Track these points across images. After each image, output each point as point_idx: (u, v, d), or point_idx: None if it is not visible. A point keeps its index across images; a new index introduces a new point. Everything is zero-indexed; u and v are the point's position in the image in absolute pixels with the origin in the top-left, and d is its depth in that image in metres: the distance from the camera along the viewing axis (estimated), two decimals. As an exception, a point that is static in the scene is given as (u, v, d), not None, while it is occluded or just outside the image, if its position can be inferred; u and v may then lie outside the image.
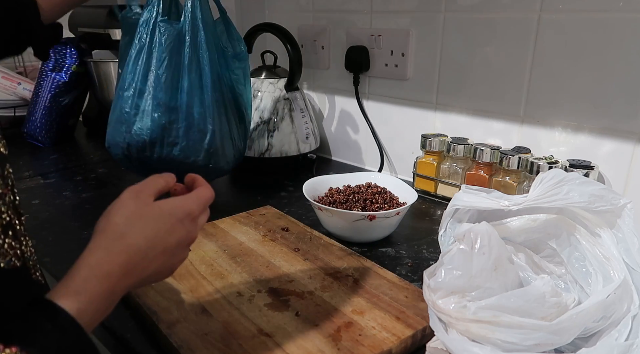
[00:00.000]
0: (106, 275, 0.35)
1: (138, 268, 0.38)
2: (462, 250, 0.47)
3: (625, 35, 0.67)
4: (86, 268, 0.35)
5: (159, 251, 0.39)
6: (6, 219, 0.34)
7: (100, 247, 0.37)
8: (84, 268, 0.35)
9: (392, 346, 0.48)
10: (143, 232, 0.38)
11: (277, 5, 1.19)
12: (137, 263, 0.38)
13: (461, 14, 0.85)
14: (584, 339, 0.46)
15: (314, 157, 1.12)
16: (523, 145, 0.81)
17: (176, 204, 0.42)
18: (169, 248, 0.40)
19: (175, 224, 0.41)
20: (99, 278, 0.35)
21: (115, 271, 0.36)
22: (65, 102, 1.25)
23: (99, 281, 0.35)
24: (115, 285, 0.36)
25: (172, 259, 0.42)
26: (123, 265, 0.37)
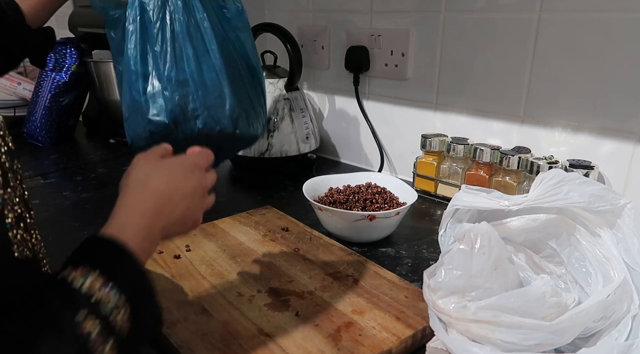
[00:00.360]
0: (141, 213, 0.41)
1: (166, 209, 0.43)
2: (462, 250, 0.47)
3: (625, 35, 0.67)
4: (123, 211, 0.41)
5: (179, 196, 0.44)
6: (17, 212, 0.36)
7: (129, 195, 0.42)
8: (121, 212, 0.40)
9: (392, 346, 0.48)
10: (162, 178, 0.44)
11: (277, 5, 1.19)
12: (164, 205, 0.43)
13: (461, 14, 0.85)
14: (584, 339, 0.46)
15: (314, 157, 1.12)
16: (523, 145, 0.81)
17: (183, 157, 0.48)
18: (187, 194, 0.45)
19: (187, 173, 0.46)
20: (135, 216, 0.40)
21: (148, 210, 0.41)
22: (65, 102, 1.25)
23: (136, 218, 0.40)
24: (151, 223, 0.41)
25: (192, 206, 0.46)
26: (152, 206, 0.42)
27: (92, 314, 0.33)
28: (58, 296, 0.34)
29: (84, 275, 0.34)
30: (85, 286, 0.34)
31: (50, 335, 0.31)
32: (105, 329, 0.34)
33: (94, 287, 0.34)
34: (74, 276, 0.34)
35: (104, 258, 0.36)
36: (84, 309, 0.33)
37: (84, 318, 0.33)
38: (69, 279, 0.34)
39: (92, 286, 0.34)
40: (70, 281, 0.34)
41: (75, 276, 0.34)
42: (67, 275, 0.34)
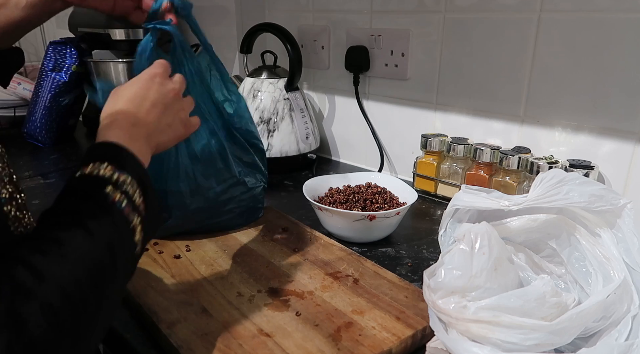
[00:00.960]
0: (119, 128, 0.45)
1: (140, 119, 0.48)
2: (462, 250, 0.47)
3: (625, 35, 0.67)
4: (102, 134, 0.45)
5: (148, 104, 0.49)
6: (9, 190, 0.38)
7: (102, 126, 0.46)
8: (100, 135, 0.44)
9: (392, 346, 0.48)
10: (125, 96, 0.49)
11: (277, 5, 1.19)
12: (136, 115, 0.48)
13: (461, 14, 0.85)
14: (584, 339, 0.46)
15: (314, 157, 1.12)
16: (523, 145, 0.81)
17: (139, 75, 0.52)
18: (156, 100, 0.50)
19: (147, 83, 0.50)
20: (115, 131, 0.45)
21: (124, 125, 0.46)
22: (65, 102, 1.25)
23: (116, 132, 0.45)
24: (131, 133, 0.46)
25: (168, 109, 0.51)
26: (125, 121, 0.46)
27: (116, 189, 0.38)
28: (81, 183, 0.38)
29: (96, 167, 0.39)
30: (102, 172, 0.39)
31: (89, 208, 0.36)
32: (130, 203, 0.39)
33: (109, 171, 0.39)
34: (87, 170, 0.39)
35: (108, 154, 0.41)
36: (109, 185, 0.38)
37: (112, 191, 0.38)
38: (84, 172, 0.39)
39: (108, 171, 0.39)
40: (86, 174, 0.39)
41: (88, 170, 0.39)
42: (81, 172, 0.39)
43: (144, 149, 0.47)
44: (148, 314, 0.52)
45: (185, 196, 0.67)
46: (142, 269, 0.61)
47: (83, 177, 0.39)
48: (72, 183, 0.39)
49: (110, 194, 0.38)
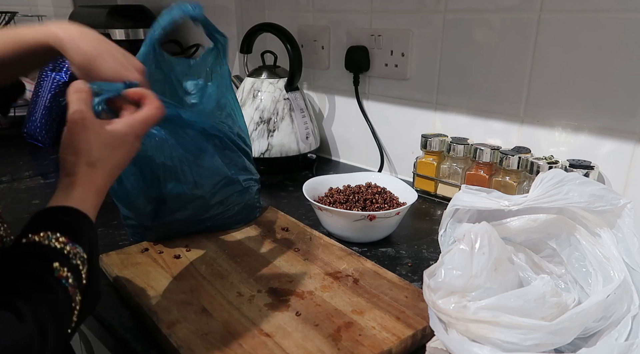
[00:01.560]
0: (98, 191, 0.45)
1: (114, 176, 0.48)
2: (462, 250, 0.47)
3: (625, 35, 0.67)
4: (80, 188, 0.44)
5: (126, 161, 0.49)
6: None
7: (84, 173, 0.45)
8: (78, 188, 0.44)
9: (392, 346, 0.48)
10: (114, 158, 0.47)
11: (277, 5, 1.19)
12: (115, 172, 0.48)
13: (461, 14, 0.85)
14: (584, 339, 0.46)
15: (314, 157, 1.12)
16: (523, 145, 0.81)
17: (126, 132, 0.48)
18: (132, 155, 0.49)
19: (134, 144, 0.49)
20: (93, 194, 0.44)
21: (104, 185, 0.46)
22: (65, 102, 1.25)
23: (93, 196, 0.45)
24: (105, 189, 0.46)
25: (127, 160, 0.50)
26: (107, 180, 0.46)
27: (64, 264, 0.37)
28: (29, 253, 0.37)
29: (48, 237, 0.38)
30: (53, 243, 0.38)
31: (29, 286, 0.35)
32: (75, 279, 0.38)
33: (61, 243, 0.38)
34: (38, 238, 0.38)
35: (65, 222, 0.40)
36: (57, 260, 0.37)
37: (59, 267, 0.37)
38: (34, 240, 0.38)
39: (60, 243, 0.38)
40: (37, 241, 0.37)
41: (40, 238, 0.38)
42: (31, 239, 0.38)
43: (103, 190, 0.46)
44: (148, 314, 0.52)
45: (184, 198, 0.67)
46: (142, 269, 0.61)
47: (31, 245, 0.37)
48: (18, 249, 0.37)
49: (57, 269, 0.36)
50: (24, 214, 0.82)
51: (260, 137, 0.99)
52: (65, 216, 0.41)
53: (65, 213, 0.41)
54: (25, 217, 0.40)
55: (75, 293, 0.38)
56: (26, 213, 0.82)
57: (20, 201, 0.89)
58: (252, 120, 1.00)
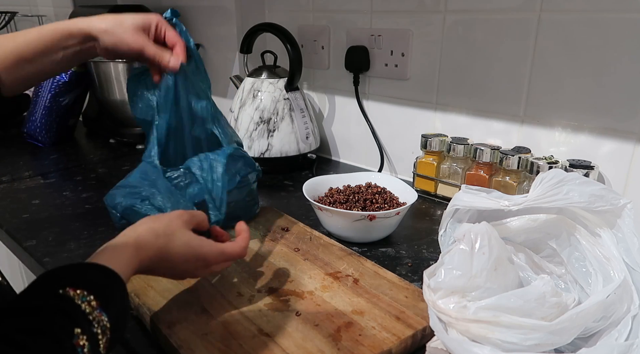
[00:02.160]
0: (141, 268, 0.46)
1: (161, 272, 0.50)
2: (462, 250, 0.47)
3: (625, 35, 0.67)
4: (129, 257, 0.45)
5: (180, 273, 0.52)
6: None
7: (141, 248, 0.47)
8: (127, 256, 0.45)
9: (392, 346, 0.48)
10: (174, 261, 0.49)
11: (277, 5, 1.19)
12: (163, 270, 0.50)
13: (461, 14, 0.85)
14: (584, 339, 0.46)
15: (314, 157, 1.12)
16: (523, 145, 0.81)
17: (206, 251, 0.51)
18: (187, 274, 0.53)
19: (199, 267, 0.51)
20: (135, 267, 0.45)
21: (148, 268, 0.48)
22: (65, 102, 1.25)
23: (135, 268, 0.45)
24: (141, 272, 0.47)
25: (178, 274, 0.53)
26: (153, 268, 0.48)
27: (85, 332, 0.35)
28: (60, 310, 0.36)
29: (84, 297, 0.37)
30: (84, 306, 0.37)
31: (47, 345, 0.33)
32: (91, 349, 0.36)
33: (89, 308, 0.37)
34: (74, 294, 0.37)
35: (102, 286, 0.39)
36: (81, 325, 0.35)
37: (81, 332, 0.35)
38: (70, 295, 0.37)
39: (90, 307, 0.37)
40: (71, 297, 0.36)
41: (76, 295, 0.37)
42: (68, 292, 0.37)
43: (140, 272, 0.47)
44: (148, 314, 0.52)
45: None
46: (142, 269, 0.61)
47: (65, 300, 0.36)
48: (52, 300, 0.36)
49: (77, 335, 0.35)
50: (23, 214, 0.82)
51: (260, 137, 0.99)
52: (105, 278, 0.41)
53: (106, 275, 0.41)
54: (25, 218, 0.40)
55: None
56: (26, 213, 0.82)
57: (20, 201, 0.89)
58: (252, 120, 1.00)
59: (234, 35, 1.19)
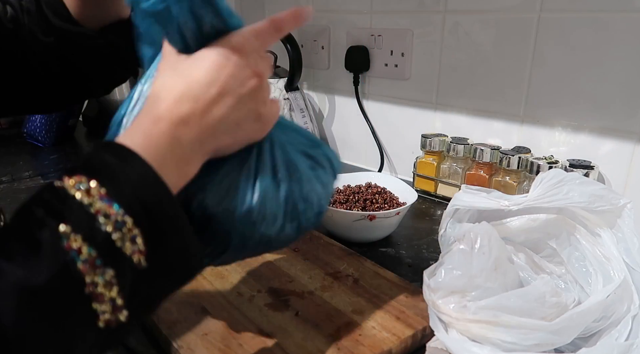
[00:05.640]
0: (156, 118, 0.31)
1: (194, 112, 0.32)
2: (462, 250, 0.47)
3: (625, 35, 0.67)
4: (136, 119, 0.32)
5: (214, 92, 0.33)
6: None
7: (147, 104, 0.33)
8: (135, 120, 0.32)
9: (392, 346, 0.48)
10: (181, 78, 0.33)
11: (277, 5, 1.19)
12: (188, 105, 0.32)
13: (461, 14, 0.85)
14: (584, 339, 0.46)
15: (314, 157, 1.12)
16: (523, 145, 0.81)
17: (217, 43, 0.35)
18: (227, 88, 0.33)
19: (221, 62, 0.34)
20: (149, 121, 0.31)
21: (163, 114, 0.31)
22: (65, 102, 1.25)
23: (149, 122, 0.31)
24: (175, 131, 0.31)
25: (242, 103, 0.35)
26: (171, 108, 0.32)
27: (81, 228, 0.25)
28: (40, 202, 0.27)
29: (80, 183, 0.27)
30: (78, 195, 0.26)
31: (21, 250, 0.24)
32: (102, 253, 0.25)
33: (91, 196, 0.26)
34: (65, 183, 0.27)
35: (108, 166, 0.28)
36: (71, 220, 0.25)
37: (71, 231, 0.25)
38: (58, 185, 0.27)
39: (90, 195, 0.26)
40: (60, 188, 0.27)
41: (67, 184, 0.27)
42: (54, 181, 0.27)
43: (189, 157, 0.32)
44: (148, 314, 0.52)
45: None
46: (142, 269, 0.61)
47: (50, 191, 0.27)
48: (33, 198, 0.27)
49: (64, 236, 0.25)
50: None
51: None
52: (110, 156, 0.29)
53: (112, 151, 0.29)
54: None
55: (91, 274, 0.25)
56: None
57: (20, 201, 0.88)
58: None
59: (234, 35, 1.19)
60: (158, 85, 0.34)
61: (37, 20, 0.47)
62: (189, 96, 0.32)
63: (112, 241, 0.26)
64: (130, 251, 0.26)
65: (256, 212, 0.39)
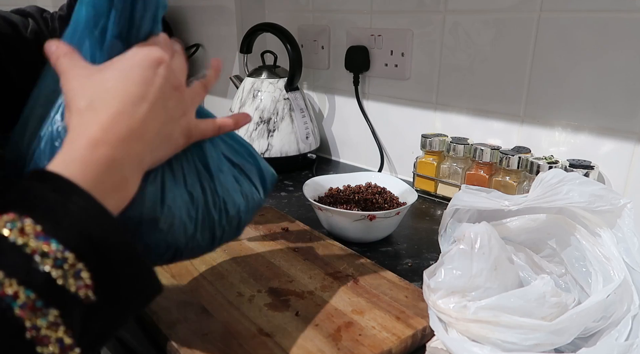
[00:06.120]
0: (92, 141, 0.29)
1: (132, 129, 0.31)
2: (462, 250, 0.47)
3: (625, 35, 0.67)
4: (67, 144, 0.30)
5: (146, 108, 0.32)
6: None
7: (74, 127, 0.31)
8: (66, 145, 0.30)
9: (392, 346, 0.48)
10: (110, 95, 0.32)
11: (277, 5, 1.19)
12: (125, 124, 0.31)
13: (461, 14, 0.85)
14: (584, 339, 0.46)
15: (314, 157, 1.12)
16: (523, 145, 0.81)
17: (129, 55, 0.34)
18: (155, 101, 0.33)
19: (143, 74, 0.33)
20: (84, 147, 0.29)
21: (100, 136, 0.30)
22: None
23: (85, 148, 0.29)
24: (114, 153, 0.30)
25: (173, 111, 0.35)
26: (107, 129, 0.30)
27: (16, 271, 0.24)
28: None
29: (12, 221, 0.25)
30: (13, 233, 0.25)
31: None
32: (42, 294, 0.24)
33: (25, 235, 0.25)
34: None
35: (44, 201, 0.26)
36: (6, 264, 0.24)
37: (4, 276, 0.23)
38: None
39: (24, 234, 0.25)
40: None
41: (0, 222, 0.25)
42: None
43: (129, 177, 0.32)
44: (148, 314, 0.52)
45: None
46: (142, 269, 0.61)
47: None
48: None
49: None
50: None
51: (260, 137, 1.00)
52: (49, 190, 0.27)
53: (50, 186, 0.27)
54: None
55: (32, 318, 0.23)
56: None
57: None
58: (252, 120, 1.00)
59: (234, 35, 1.19)
60: (79, 98, 0.32)
61: None
62: (125, 113, 0.31)
63: (52, 280, 0.24)
64: (74, 287, 0.25)
65: (162, 220, 0.37)
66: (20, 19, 0.46)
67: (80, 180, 0.28)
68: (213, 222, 0.41)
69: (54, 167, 0.28)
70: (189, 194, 0.39)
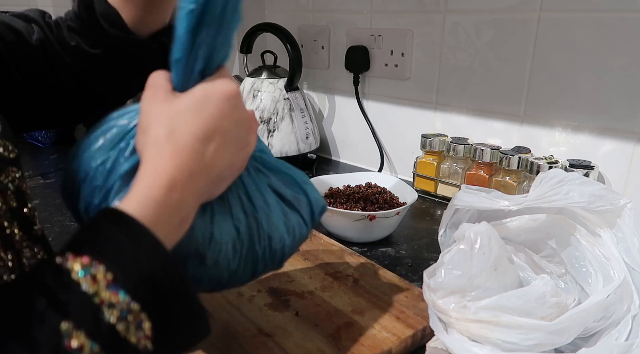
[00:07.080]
0: (170, 183, 0.30)
1: (203, 168, 0.32)
2: (462, 250, 0.47)
3: (625, 35, 0.67)
4: (143, 179, 0.30)
5: (218, 143, 0.33)
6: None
7: (151, 159, 0.31)
8: (142, 181, 0.30)
9: (392, 346, 0.48)
10: (189, 129, 0.32)
11: (277, 5, 1.19)
12: (198, 162, 0.32)
13: (461, 14, 0.85)
14: (584, 339, 0.46)
15: (314, 157, 1.12)
16: (523, 145, 0.81)
17: (209, 87, 0.34)
18: (228, 135, 0.34)
19: (221, 107, 0.34)
20: (162, 188, 0.30)
21: (177, 176, 0.30)
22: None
23: (163, 190, 0.30)
24: (183, 193, 0.31)
25: (236, 146, 0.35)
26: (183, 169, 0.31)
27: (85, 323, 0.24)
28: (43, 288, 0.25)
29: (86, 268, 0.25)
30: (85, 282, 0.25)
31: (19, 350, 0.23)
32: (105, 346, 0.24)
33: (97, 282, 0.25)
34: (70, 265, 0.25)
35: (117, 246, 0.26)
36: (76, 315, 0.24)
37: (73, 328, 0.24)
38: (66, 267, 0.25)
39: (95, 282, 0.25)
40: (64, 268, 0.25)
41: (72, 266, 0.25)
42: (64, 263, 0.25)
43: (190, 214, 0.32)
44: (148, 314, 0.52)
45: None
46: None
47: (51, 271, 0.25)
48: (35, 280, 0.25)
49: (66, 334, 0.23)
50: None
51: (260, 137, 0.99)
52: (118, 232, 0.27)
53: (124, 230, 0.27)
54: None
55: None
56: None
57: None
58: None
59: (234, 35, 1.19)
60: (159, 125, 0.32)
61: (86, 33, 0.46)
62: (199, 152, 0.32)
63: (116, 332, 0.25)
64: (135, 338, 0.25)
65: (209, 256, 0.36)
66: (24, 25, 0.46)
67: (151, 223, 0.28)
68: (256, 257, 0.40)
69: (129, 206, 0.28)
70: (236, 229, 0.38)
